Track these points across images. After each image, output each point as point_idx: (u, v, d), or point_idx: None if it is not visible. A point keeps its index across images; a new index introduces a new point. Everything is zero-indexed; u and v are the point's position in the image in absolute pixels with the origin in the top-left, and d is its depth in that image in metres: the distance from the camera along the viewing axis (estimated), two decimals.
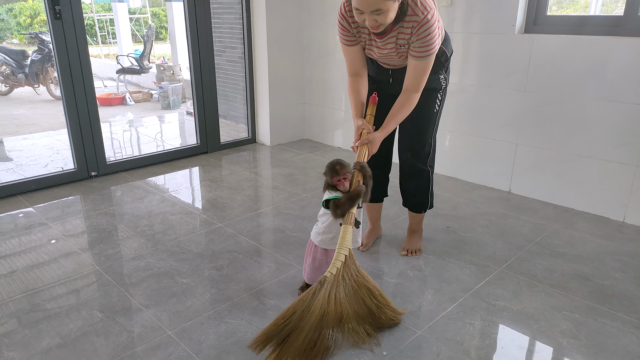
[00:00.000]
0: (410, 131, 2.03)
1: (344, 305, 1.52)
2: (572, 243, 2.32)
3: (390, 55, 1.85)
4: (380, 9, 1.58)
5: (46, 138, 4.55)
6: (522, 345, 1.61)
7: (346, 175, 1.67)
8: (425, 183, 2.14)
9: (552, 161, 2.73)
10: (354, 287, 1.57)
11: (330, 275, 1.53)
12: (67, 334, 1.65)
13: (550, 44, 2.59)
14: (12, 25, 16.57)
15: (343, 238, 1.60)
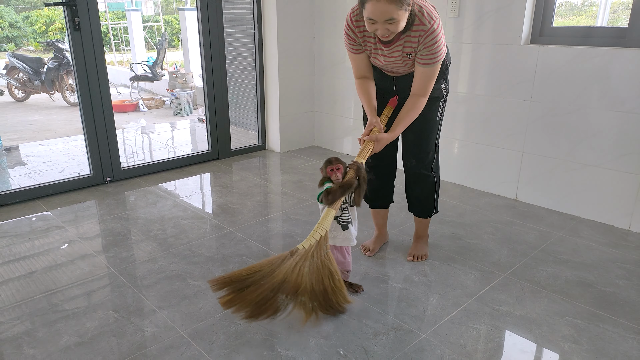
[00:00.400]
0: (414, 139, 2.09)
1: (304, 279, 1.63)
2: (576, 250, 2.35)
3: (395, 63, 1.92)
4: (393, 19, 1.65)
5: (62, 144, 4.67)
6: (524, 350, 1.65)
7: (339, 166, 1.79)
8: (431, 188, 2.19)
9: (558, 170, 2.76)
10: (318, 265, 1.67)
11: (302, 248, 1.64)
12: (84, 333, 1.72)
13: (556, 55, 2.63)
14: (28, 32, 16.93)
15: (324, 219, 1.71)
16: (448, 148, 3.25)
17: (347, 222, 1.82)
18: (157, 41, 11.28)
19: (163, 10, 13.64)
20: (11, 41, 15.91)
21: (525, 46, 2.74)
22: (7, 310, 1.86)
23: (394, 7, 1.63)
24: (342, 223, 1.82)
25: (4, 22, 16.16)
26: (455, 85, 3.09)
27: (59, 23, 15.50)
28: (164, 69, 8.45)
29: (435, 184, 2.19)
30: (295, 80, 3.90)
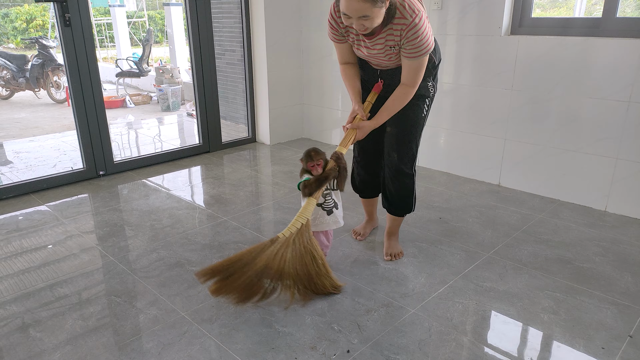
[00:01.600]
0: (397, 133, 2.06)
1: (287, 264, 1.76)
2: (556, 231, 2.47)
3: (378, 56, 1.91)
4: (367, 15, 1.65)
5: (52, 140, 4.68)
6: (506, 320, 1.76)
7: (320, 161, 1.87)
8: (411, 187, 2.15)
9: (538, 155, 2.89)
10: (301, 252, 1.79)
11: (283, 236, 1.76)
12: (89, 317, 1.79)
13: (535, 45, 2.75)
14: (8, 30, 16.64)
15: (305, 209, 1.82)
16: (434, 137, 3.36)
17: (330, 207, 1.91)
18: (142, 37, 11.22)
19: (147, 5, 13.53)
20: None
21: (505, 37, 2.86)
22: (12, 299, 1.91)
23: (368, 5, 1.62)
24: (327, 209, 1.91)
25: None
26: (441, 76, 3.20)
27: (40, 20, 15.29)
28: (150, 65, 8.43)
29: (414, 183, 2.17)
30: (284, 73, 3.97)
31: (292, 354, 1.59)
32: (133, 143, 4.78)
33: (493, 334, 1.69)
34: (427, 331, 1.70)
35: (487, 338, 1.67)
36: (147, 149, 4.49)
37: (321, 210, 1.91)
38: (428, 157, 3.44)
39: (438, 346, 1.62)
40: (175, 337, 1.68)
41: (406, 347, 1.62)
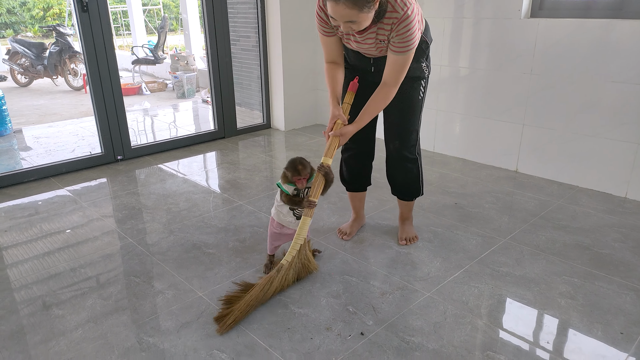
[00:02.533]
0: (397, 120, 2.02)
1: (287, 282, 1.85)
2: (575, 217, 2.44)
3: (369, 49, 1.85)
4: (354, 20, 1.60)
5: (71, 126, 4.75)
6: (522, 305, 1.76)
7: (306, 175, 1.83)
8: (416, 171, 2.12)
9: (557, 141, 2.84)
10: (300, 268, 1.89)
11: (287, 263, 1.81)
12: (109, 296, 1.83)
13: (555, 28, 2.69)
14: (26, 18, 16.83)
15: (301, 229, 1.82)
16: (450, 123, 3.33)
17: (301, 214, 1.87)
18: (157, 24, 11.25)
19: None
20: (9, 27, 15.86)
21: (525, 20, 2.80)
22: (34, 278, 1.96)
23: (355, 12, 1.57)
24: (297, 215, 1.87)
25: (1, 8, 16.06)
26: (457, 60, 3.16)
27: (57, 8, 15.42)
28: (165, 52, 8.47)
29: (419, 167, 2.13)
30: (299, 59, 3.96)
31: (307, 334, 1.61)
32: (149, 129, 4.82)
33: (509, 318, 1.69)
34: (443, 314, 1.70)
35: (503, 322, 1.66)
36: (162, 135, 4.53)
37: (292, 214, 1.88)
38: (443, 142, 3.41)
39: (453, 329, 1.62)
40: (193, 316, 1.70)
41: (421, 329, 1.63)
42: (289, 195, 1.85)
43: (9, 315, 1.73)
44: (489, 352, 1.52)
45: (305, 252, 1.88)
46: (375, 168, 2.28)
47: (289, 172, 1.83)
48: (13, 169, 3.07)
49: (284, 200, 1.86)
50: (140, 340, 1.58)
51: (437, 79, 3.28)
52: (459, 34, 3.10)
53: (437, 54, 3.23)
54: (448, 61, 3.20)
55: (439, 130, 3.41)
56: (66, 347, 1.56)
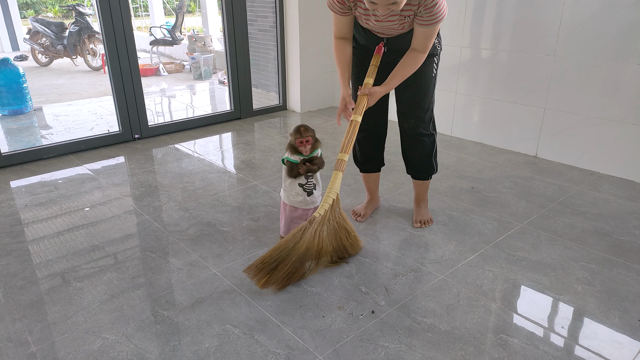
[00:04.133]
0: (411, 98, 2.01)
1: (324, 242, 1.76)
2: (594, 203, 2.39)
3: (391, 27, 1.82)
4: (396, 1, 1.58)
5: (89, 104, 4.80)
6: (537, 289, 1.73)
7: (309, 138, 1.83)
8: (430, 148, 2.11)
9: (579, 126, 2.77)
10: (335, 227, 1.79)
11: (319, 215, 1.73)
12: (125, 270, 1.86)
13: (581, 7, 2.60)
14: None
15: (333, 182, 1.78)
16: (468, 106, 3.27)
17: (311, 189, 1.90)
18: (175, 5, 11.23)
19: None
20: (30, 7, 16.01)
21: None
22: (54, 251, 2.00)
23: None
24: (308, 190, 1.89)
25: None
26: (478, 42, 3.08)
27: None
28: (183, 34, 8.46)
29: (434, 143, 2.12)
30: (316, 40, 3.91)
31: (319, 312, 1.61)
32: (166, 110, 4.85)
33: (523, 302, 1.67)
34: (456, 296, 1.69)
35: (517, 306, 1.65)
36: (179, 115, 4.55)
37: (302, 191, 1.90)
38: (461, 126, 3.36)
39: (466, 311, 1.61)
40: (207, 292, 1.72)
41: (434, 310, 1.62)
42: (296, 164, 1.84)
43: (29, 286, 1.77)
44: (502, 335, 1.51)
45: (339, 210, 1.80)
46: (392, 151, 2.26)
47: (292, 135, 1.85)
48: (33, 146, 3.12)
49: (291, 175, 1.86)
50: (155, 313, 1.61)
51: (457, 61, 3.22)
52: (480, 14, 3.02)
53: (457, 35, 3.16)
54: (468, 42, 3.13)
55: (457, 113, 3.36)
56: (83, 318, 1.59)
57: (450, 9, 3.17)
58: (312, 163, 1.86)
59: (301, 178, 1.87)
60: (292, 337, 1.50)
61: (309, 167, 1.85)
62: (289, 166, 1.86)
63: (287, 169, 1.87)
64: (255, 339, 1.50)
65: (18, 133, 3.88)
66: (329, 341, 1.49)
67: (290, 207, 1.93)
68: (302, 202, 1.91)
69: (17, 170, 2.84)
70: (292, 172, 1.86)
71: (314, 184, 1.91)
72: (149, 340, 1.49)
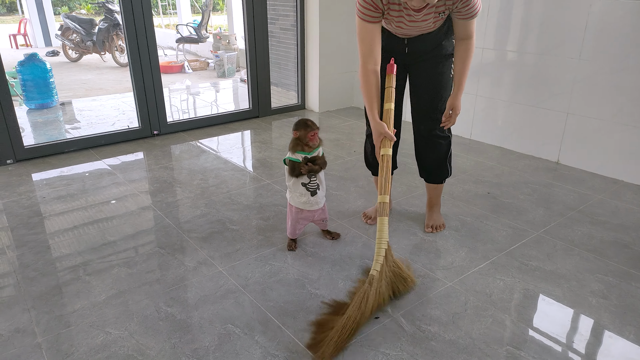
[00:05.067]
0: (429, 99, 1.96)
1: (383, 296, 1.61)
2: (616, 213, 2.30)
3: (426, 26, 1.78)
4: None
5: (113, 100, 4.90)
6: (550, 301, 1.67)
7: (316, 130, 1.83)
8: (446, 150, 2.06)
9: (603, 131, 2.67)
10: (392, 278, 1.65)
11: (376, 273, 1.58)
12: (134, 264, 1.88)
13: (609, 9, 2.50)
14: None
15: (381, 232, 1.63)
16: (489, 109, 3.19)
17: (314, 188, 1.88)
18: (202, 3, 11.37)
19: None
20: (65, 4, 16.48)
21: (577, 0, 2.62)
22: (67, 244, 2.04)
23: None
24: (311, 189, 1.87)
25: None
26: (504, 44, 3.01)
27: None
28: (209, 32, 8.56)
29: (450, 146, 2.07)
30: (336, 40, 3.89)
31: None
32: (189, 106, 4.90)
33: (534, 313, 1.61)
34: (463, 305, 1.65)
35: (527, 317, 1.59)
36: (200, 112, 4.60)
37: (305, 190, 1.88)
38: (481, 130, 3.28)
39: (473, 321, 1.57)
40: (212, 290, 1.73)
41: (439, 318, 1.58)
42: (298, 162, 1.83)
43: (41, 277, 1.81)
44: (509, 347, 1.46)
45: (392, 257, 1.67)
46: (406, 153, 2.22)
47: (300, 131, 1.82)
48: (55, 139, 3.20)
49: (293, 174, 1.84)
50: (159, 309, 1.62)
51: (478, 62, 3.15)
52: (502, 13, 2.95)
53: (479, 36, 3.09)
54: (493, 44, 3.06)
55: (477, 116, 3.28)
56: (89, 311, 1.62)
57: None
58: (314, 163, 1.84)
59: (304, 177, 1.85)
60: (293, 339, 1.49)
61: (310, 167, 1.82)
62: (290, 165, 1.84)
63: (289, 168, 1.85)
64: (255, 340, 1.49)
65: (43, 127, 3.99)
66: None
67: (297, 209, 1.92)
68: (307, 203, 1.90)
69: (38, 163, 2.91)
70: (294, 172, 1.84)
71: (317, 184, 1.89)
72: (150, 336, 1.50)
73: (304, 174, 1.85)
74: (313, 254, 1.96)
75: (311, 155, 1.86)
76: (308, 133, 1.82)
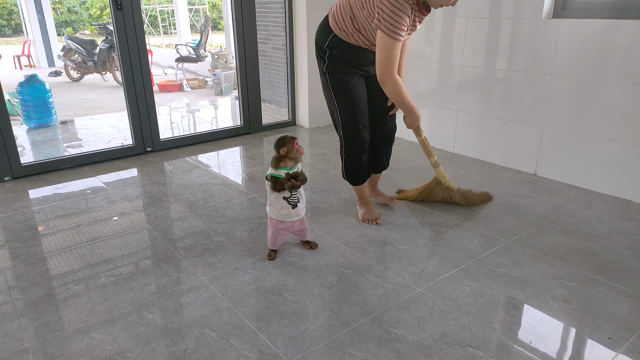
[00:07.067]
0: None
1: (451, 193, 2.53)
2: (587, 222, 2.39)
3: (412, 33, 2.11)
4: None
5: (110, 119, 5.04)
6: (511, 304, 1.76)
7: (296, 139, 1.96)
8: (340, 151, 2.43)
9: (577, 144, 2.78)
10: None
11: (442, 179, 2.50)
12: (120, 274, 1.98)
13: (577, 29, 2.63)
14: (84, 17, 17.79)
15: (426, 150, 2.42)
16: (468, 124, 3.31)
17: (295, 202, 2.00)
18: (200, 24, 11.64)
19: None
20: (69, 25, 16.85)
21: (546, 20, 2.75)
22: (58, 254, 2.14)
23: None
24: (292, 203, 1.99)
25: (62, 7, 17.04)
26: (476, 61, 3.13)
27: None
28: (208, 51, 8.76)
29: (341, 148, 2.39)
30: None
31: (295, 320, 1.68)
32: (186, 123, 5.04)
33: (495, 316, 1.70)
34: (430, 309, 1.73)
35: (488, 320, 1.67)
36: (198, 128, 4.73)
37: (286, 204, 1.98)
38: (461, 143, 3.39)
39: (437, 323, 1.66)
40: (192, 298, 1.82)
41: (405, 322, 1.67)
42: (281, 178, 1.93)
43: (31, 287, 1.91)
44: (468, 348, 1.54)
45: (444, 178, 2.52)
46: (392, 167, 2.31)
47: (285, 146, 1.93)
48: (51, 157, 3.32)
49: (275, 189, 1.95)
50: (141, 316, 1.71)
51: (458, 79, 3.27)
52: (479, 34, 3.08)
53: (458, 55, 3.22)
54: (469, 62, 3.19)
55: (459, 130, 3.40)
56: (75, 318, 1.71)
57: (452, 28, 3.24)
58: (295, 178, 1.94)
59: (285, 192, 1.96)
60: (265, 342, 1.58)
61: (293, 184, 1.93)
62: (272, 181, 1.95)
63: (271, 184, 1.96)
64: (230, 343, 1.58)
65: (41, 145, 4.12)
66: (300, 347, 1.55)
67: (277, 220, 2.02)
68: (287, 215, 2.00)
69: (35, 180, 3.03)
70: (277, 187, 1.95)
71: (297, 197, 1.99)
72: (131, 340, 1.59)
73: (286, 189, 1.95)
74: (292, 263, 2.06)
75: (292, 170, 1.97)
76: (294, 145, 1.94)
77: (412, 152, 3.46)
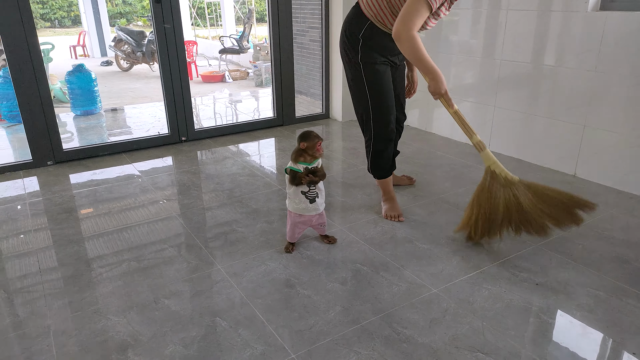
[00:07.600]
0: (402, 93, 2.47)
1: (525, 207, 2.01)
2: (624, 229, 2.24)
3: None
4: None
5: (152, 108, 5.21)
6: (531, 311, 1.68)
7: (321, 141, 1.94)
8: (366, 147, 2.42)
9: (620, 145, 2.61)
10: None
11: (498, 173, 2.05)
12: (142, 259, 2.05)
13: (625, 22, 2.46)
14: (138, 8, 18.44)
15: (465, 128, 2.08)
16: (506, 121, 3.17)
17: (313, 196, 1.97)
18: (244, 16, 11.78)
19: None
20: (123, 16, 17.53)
21: (592, 12, 2.59)
22: (86, 238, 2.25)
23: None
24: (310, 197, 1.97)
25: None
26: (521, 56, 3.00)
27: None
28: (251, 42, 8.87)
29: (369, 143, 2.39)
30: None
31: (305, 314, 1.69)
32: (223, 114, 5.14)
33: (512, 323, 1.63)
34: (443, 311, 1.69)
35: (504, 326, 1.61)
36: (235, 119, 4.81)
37: (304, 198, 1.96)
38: (498, 141, 3.26)
39: (450, 327, 1.61)
40: (207, 286, 1.86)
41: (416, 322, 1.63)
42: (299, 173, 1.93)
43: (60, 267, 2.01)
44: (478, 354, 1.49)
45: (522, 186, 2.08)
46: (418, 163, 2.27)
47: (308, 142, 1.92)
48: (91, 144, 3.47)
49: (293, 183, 1.95)
50: (157, 301, 1.77)
51: (497, 74, 3.14)
52: (518, 26, 2.94)
53: (497, 49, 3.09)
54: (508, 55, 3.05)
55: (495, 128, 3.27)
56: (95, 299, 1.79)
57: (491, 22, 3.12)
58: (314, 174, 1.93)
59: (304, 186, 1.96)
60: (273, 334, 1.59)
61: (311, 179, 1.92)
62: (292, 175, 1.95)
63: (290, 177, 1.96)
64: (238, 333, 1.60)
65: (85, 131, 4.32)
66: (306, 342, 1.55)
67: (295, 214, 2.03)
68: (305, 209, 1.99)
69: (75, 165, 3.18)
70: (295, 181, 1.95)
71: (316, 192, 1.99)
72: (145, 324, 1.65)
73: (304, 184, 1.94)
74: (308, 256, 2.06)
75: (312, 165, 1.96)
76: (316, 144, 1.93)
77: (443, 149, 3.36)
